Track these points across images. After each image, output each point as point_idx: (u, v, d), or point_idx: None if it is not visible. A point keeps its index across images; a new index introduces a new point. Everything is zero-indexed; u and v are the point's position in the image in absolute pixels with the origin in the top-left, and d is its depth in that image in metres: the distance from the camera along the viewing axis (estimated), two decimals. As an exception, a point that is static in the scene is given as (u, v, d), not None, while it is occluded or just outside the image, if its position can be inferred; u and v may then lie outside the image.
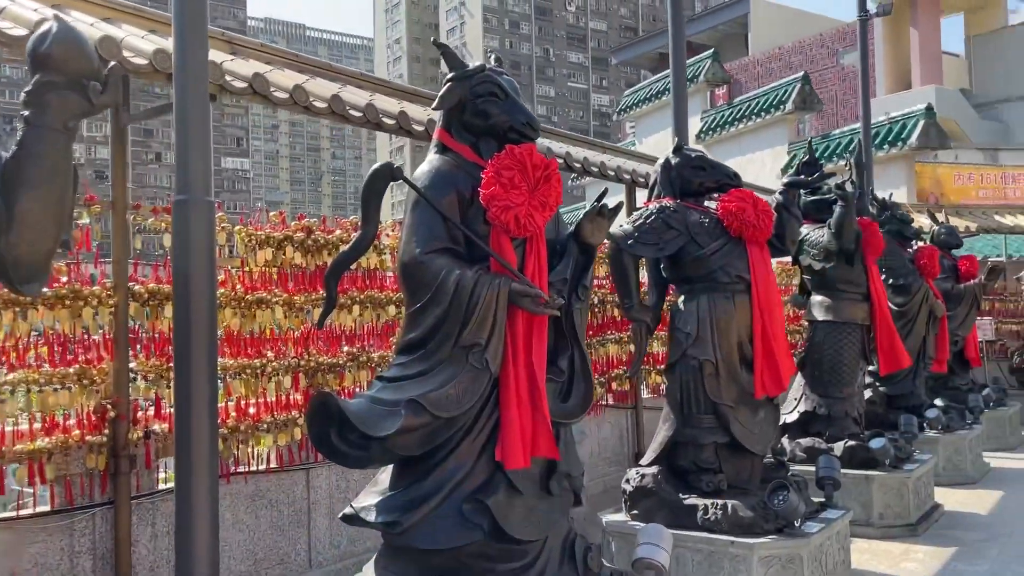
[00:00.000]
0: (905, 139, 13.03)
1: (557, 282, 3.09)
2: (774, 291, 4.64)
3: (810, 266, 6.19)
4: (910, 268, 7.84)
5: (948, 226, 9.57)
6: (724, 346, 4.56)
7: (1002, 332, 12.91)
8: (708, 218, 4.66)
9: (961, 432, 7.49)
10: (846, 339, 6.15)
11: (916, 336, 7.83)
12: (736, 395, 4.58)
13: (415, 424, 2.77)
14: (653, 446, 4.74)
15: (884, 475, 5.79)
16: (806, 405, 6.25)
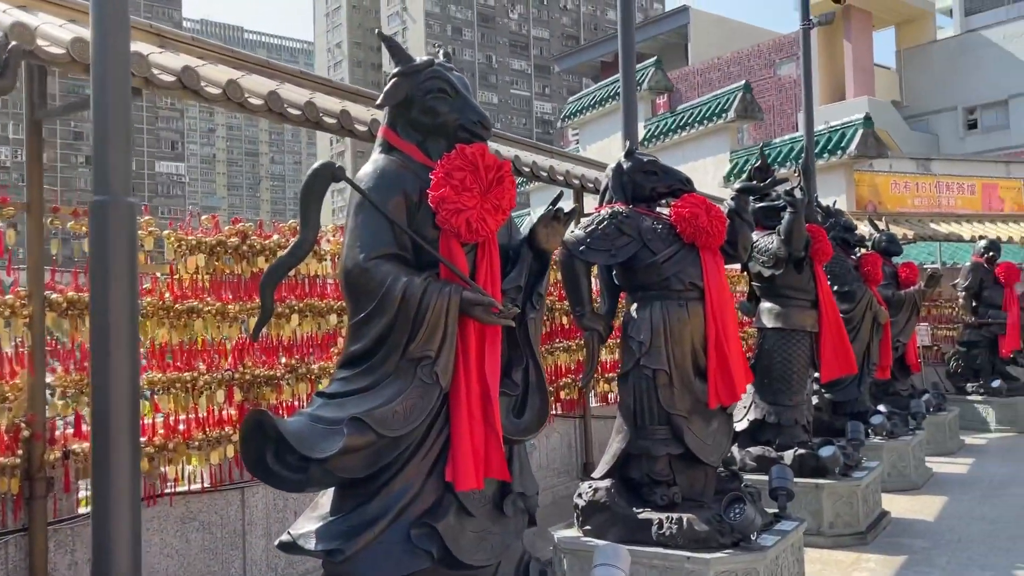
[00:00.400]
0: (844, 148, 13.26)
1: (511, 290, 2.92)
2: (727, 298, 4.55)
3: (759, 273, 6.14)
4: (854, 275, 7.89)
5: (889, 233, 9.71)
6: (678, 355, 4.44)
7: (938, 338, 13.21)
8: (661, 224, 4.55)
9: (905, 438, 7.55)
10: (795, 346, 6.12)
11: (861, 342, 7.88)
12: (690, 405, 4.47)
13: (358, 444, 2.57)
14: (606, 458, 4.59)
15: (834, 483, 5.76)
16: (756, 413, 6.20)
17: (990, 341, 11.00)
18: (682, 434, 4.41)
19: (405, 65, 2.94)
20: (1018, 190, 15.06)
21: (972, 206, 14.44)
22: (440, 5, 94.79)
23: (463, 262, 2.78)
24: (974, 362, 11.15)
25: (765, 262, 6.06)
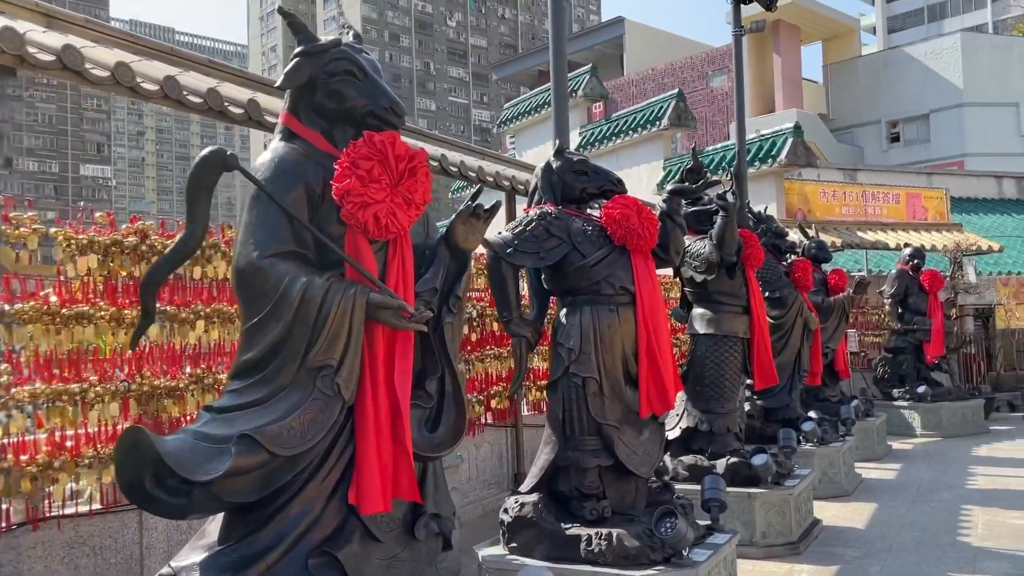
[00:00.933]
0: (775, 156, 13.39)
1: (425, 292, 2.68)
2: (659, 303, 4.38)
3: (691, 278, 6.03)
4: (785, 281, 7.88)
5: (818, 240, 9.77)
6: (608, 362, 4.26)
7: (865, 344, 13.42)
8: (591, 226, 4.37)
9: (835, 444, 7.54)
10: (727, 353, 6.02)
11: (791, 349, 7.86)
12: (621, 414, 4.29)
13: (248, 464, 2.29)
14: (533, 471, 4.37)
15: (766, 492, 5.66)
16: (688, 421, 6.07)
17: (915, 347, 11.19)
18: (612, 445, 4.22)
19: (309, 44, 2.67)
20: (940, 200, 15.46)
21: (897, 215, 14.76)
22: (377, 11, 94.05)
23: (371, 261, 2.53)
24: (900, 368, 11.32)
25: (697, 267, 5.94)
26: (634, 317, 4.29)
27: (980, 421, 11.03)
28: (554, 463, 4.27)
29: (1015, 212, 22.09)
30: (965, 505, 6.72)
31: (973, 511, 6.50)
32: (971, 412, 10.97)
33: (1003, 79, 31.97)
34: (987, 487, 7.45)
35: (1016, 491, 7.19)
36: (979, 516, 6.33)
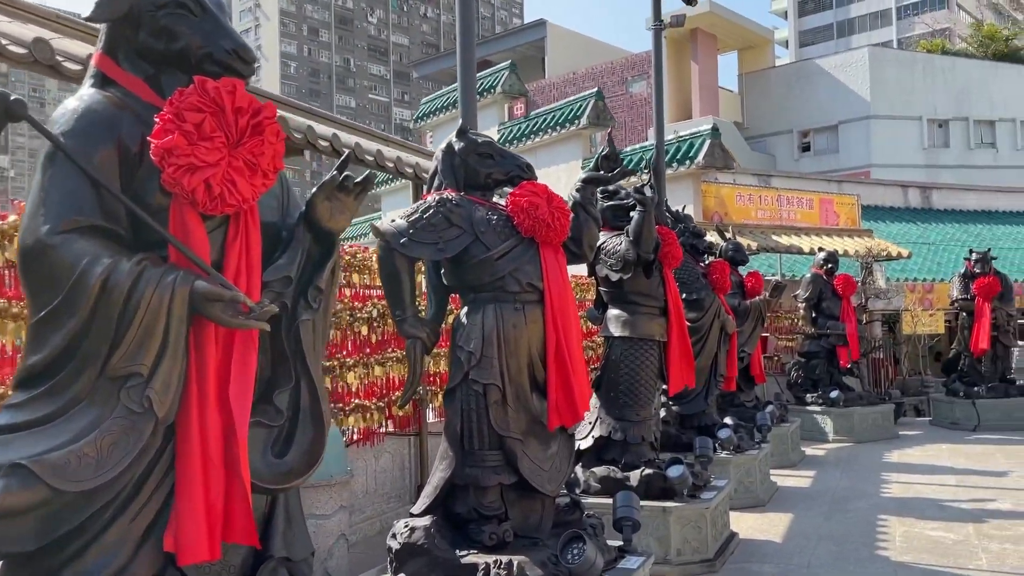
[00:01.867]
0: (693, 158, 13.26)
1: (275, 282, 2.17)
2: (570, 302, 3.96)
3: (607, 277, 5.65)
4: (703, 283, 7.61)
5: (735, 242, 9.58)
6: (512, 367, 3.81)
7: (778, 348, 13.41)
8: (496, 215, 3.91)
9: (752, 452, 7.30)
10: (643, 357, 5.66)
11: (708, 353, 7.60)
12: (526, 425, 3.85)
13: (22, 503, 1.74)
14: (427, 491, 3.88)
15: (682, 507, 5.31)
16: (601, 430, 5.68)
17: (828, 352, 11.16)
18: (516, 460, 3.77)
19: (131, -32, 2.12)
20: (852, 206, 15.67)
21: (810, 220, 14.86)
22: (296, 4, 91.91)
23: (202, 241, 2.00)
24: (813, 372, 11.28)
25: (613, 265, 5.57)
26: (542, 317, 3.85)
27: (890, 426, 11.07)
28: (450, 481, 3.79)
29: (920, 221, 22.78)
30: (881, 515, 6.54)
31: (890, 522, 6.33)
32: (882, 417, 11.01)
33: (908, 93, 33.17)
34: (901, 495, 7.32)
35: (930, 500, 7.08)
36: (896, 527, 6.15)
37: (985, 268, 11.61)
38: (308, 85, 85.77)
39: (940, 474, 8.25)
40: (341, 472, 4.74)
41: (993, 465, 8.63)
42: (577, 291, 9.72)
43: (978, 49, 38.02)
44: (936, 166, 32.20)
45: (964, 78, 34.15)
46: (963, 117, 33.88)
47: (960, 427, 11.48)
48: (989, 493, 7.25)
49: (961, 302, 11.82)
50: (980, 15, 50.68)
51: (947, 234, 21.88)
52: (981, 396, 11.39)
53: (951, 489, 7.49)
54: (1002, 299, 11.53)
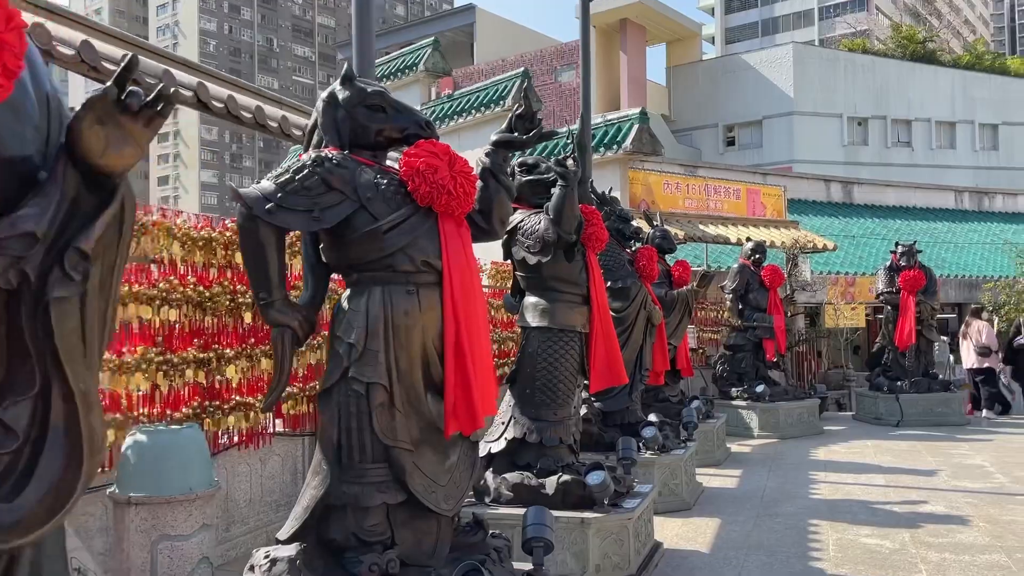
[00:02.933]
0: (620, 142, 12.79)
1: (12, 241, 1.46)
2: (475, 286, 3.32)
3: (523, 260, 5.04)
4: (629, 270, 7.09)
5: (663, 229, 9.13)
6: (403, 363, 3.17)
7: (704, 341, 13.09)
8: (386, 179, 3.25)
9: (677, 452, 6.81)
10: (563, 349, 5.08)
11: (633, 345, 7.09)
12: (419, 433, 3.21)
13: None
14: (296, 512, 3.20)
15: (602, 517, 4.75)
16: (515, 431, 5.08)
17: (755, 345, 10.84)
18: (405, 475, 3.13)
19: None
20: (778, 197, 15.49)
21: (737, 210, 14.61)
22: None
23: None
24: (739, 366, 10.95)
25: (530, 246, 4.96)
26: (440, 302, 3.21)
27: (815, 422, 10.83)
28: (324, 501, 3.12)
29: (841, 214, 22.99)
30: (812, 520, 6.14)
31: (822, 528, 5.92)
32: (807, 412, 10.75)
33: (829, 91, 33.73)
34: (831, 497, 6.96)
35: (860, 502, 6.73)
36: (829, 534, 5.75)
37: (911, 261, 11.48)
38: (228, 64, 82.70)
39: (868, 473, 7.96)
40: (205, 484, 4.00)
41: (921, 463, 8.40)
42: (497, 279, 9.11)
43: (896, 50, 38.93)
44: (855, 163, 32.85)
45: (883, 78, 34.92)
46: (881, 116, 34.69)
47: (883, 422, 11.34)
48: (921, 495, 6.95)
49: (886, 295, 11.68)
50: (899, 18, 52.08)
51: (867, 228, 22.13)
52: (904, 391, 11.27)
53: (881, 490, 7.17)
54: (926, 293, 11.43)
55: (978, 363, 12.69)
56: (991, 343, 12.79)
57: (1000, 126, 35.84)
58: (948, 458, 8.67)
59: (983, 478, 7.60)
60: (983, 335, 12.76)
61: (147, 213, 4.84)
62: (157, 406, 4.80)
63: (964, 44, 55.09)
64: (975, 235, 23.36)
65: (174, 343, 4.92)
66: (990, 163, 35.38)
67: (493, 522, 4.76)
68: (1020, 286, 17.37)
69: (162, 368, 4.80)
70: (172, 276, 4.90)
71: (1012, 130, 35.78)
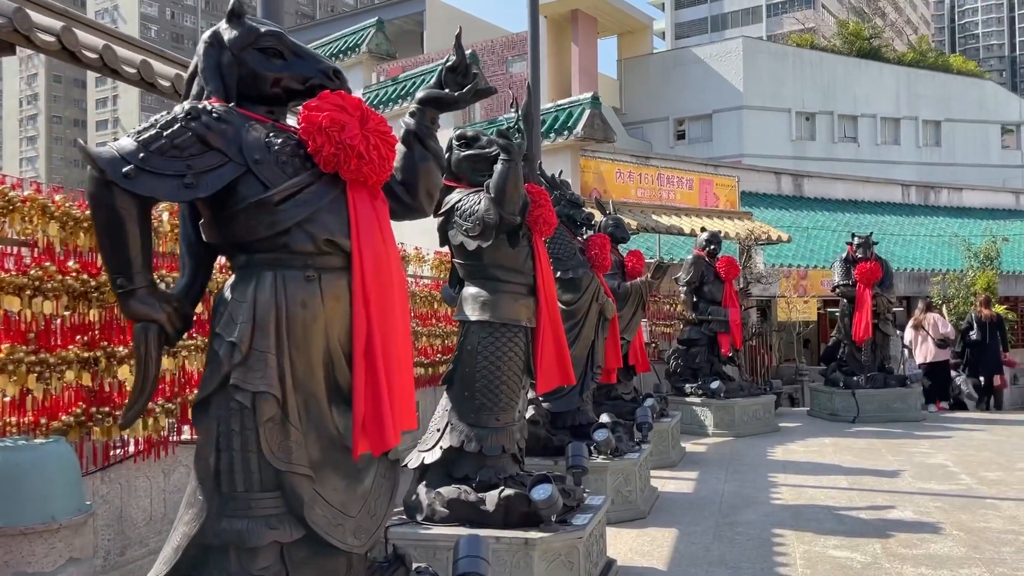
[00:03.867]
0: (571, 128, 12.25)
1: None
2: (392, 272, 2.71)
3: (462, 245, 4.45)
4: (580, 259, 6.53)
5: (616, 217, 8.60)
6: (300, 367, 2.55)
7: (656, 335, 12.65)
8: (281, 138, 2.63)
9: (631, 455, 6.28)
10: (506, 346, 4.50)
11: (584, 341, 6.54)
12: (320, 454, 2.60)
13: None
14: (164, 555, 2.57)
15: (550, 537, 4.18)
16: (451, 439, 4.48)
17: (710, 339, 10.41)
18: (302, 506, 2.51)
19: None
20: (732, 188, 15.15)
21: (690, 201, 14.21)
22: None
23: None
24: (694, 361, 10.50)
25: (469, 229, 4.36)
26: (348, 292, 2.60)
27: (771, 419, 10.45)
28: (199, 540, 2.49)
29: (792, 207, 22.86)
30: (776, 530, 5.68)
31: (787, 538, 5.46)
32: (763, 409, 10.37)
33: (778, 85, 33.83)
34: (794, 502, 6.52)
35: (825, 508, 6.30)
36: (795, 545, 5.28)
37: (867, 253, 11.18)
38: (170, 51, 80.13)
39: (830, 474, 7.56)
40: (72, 510, 3.32)
41: (882, 463, 8.04)
42: (442, 270, 8.49)
43: (843, 47, 39.26)
44: (803, 158, 32.97)
45: (830, 74, 35.18)
46: (829, 111, 34.94)
47: (839, 418, 11.02)
48: (887, 499, 6.55)
49: (842, 288, 11.36)
50: (845, 16, 52.65)
51: (817, 221, 22.03)
52: (860, 386, 10.96)
53: (845, 494, 6.75)
54: (883, 285, 11.14)
55: (934, 356, 12.59)
56: (949, 333, 12.67)
57: (943, 123, 36.39)
58: (909, 457, 8.33)
59: (948, 479, 7.25)
60: (940, 326, 12.65)
61: (15, 188, 4.11)
62: (29, 414, 4.09)
63: (907, 43, 55.98)
64: (922, 229, 23.48)
65: (51, 340, 4.20)
66: (933, 159, 35.91)
67: (425, 544, 4.18)
68: (968, 279, 17.37)
69: (35, 369, 4.08)
70: (49, 262, 4.18)
71: (954, 127, 36.38)
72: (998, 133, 37.65)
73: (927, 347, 12.73)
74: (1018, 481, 7.11)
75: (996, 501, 6.40)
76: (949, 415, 11.67)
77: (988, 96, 37.88)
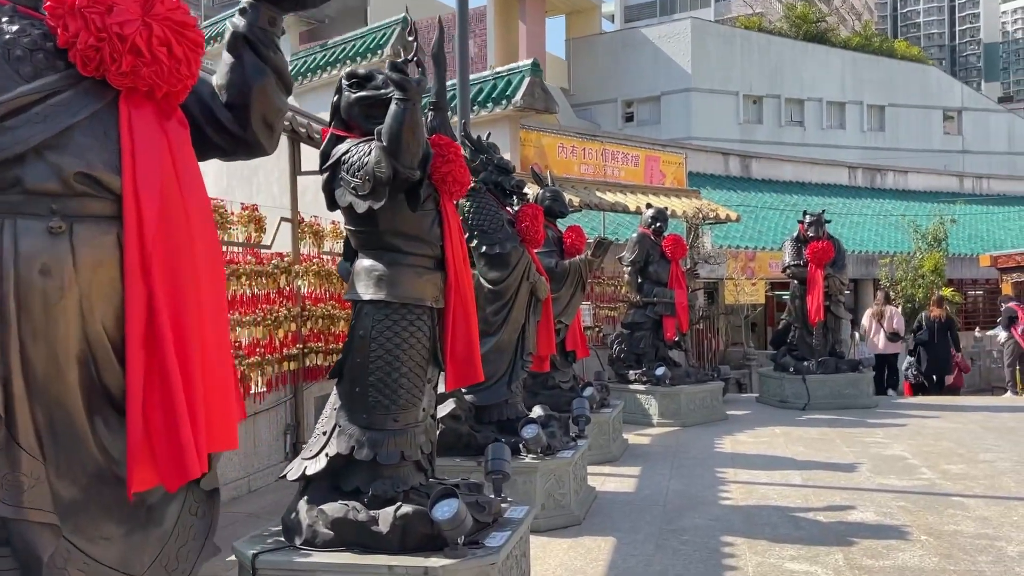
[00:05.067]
0: (510, 97, 11.43)
1: None
2: (193, 228, 1.89)
3: (351, 207, 3.63)
4: (509, 232, 5.76)
5: (554, 189, 7.86)
6: (41, 362, 1.74)
7: (600, 318, 11.98)
8: (18, 25, 1.79)
9: (565, 454, 5.55)
10: (407, 331, 3.71)
11: (514, 325, 5.78)
12: (78, 491, 1.79)
13: None
14: None
15: (455, 565, 3.40)
16: (339, 444, 3.67)
17: (655, 323, 9.73)
18: (41, 568, 1.69)
19: None
20: (679, 165, 14.52)
21: (636, 178, 13.53)
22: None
23: None
24: (637, 346, 9.82)
25: (358, 187, 3.55)
26: (119, 250, 1.78)
27: (718, 407, 9.85)
28: None
29: (739, 188, 22.44)
30: (726, 537, 5.01)
31: (738, 547, 4.79)
32: (710, 397, 9.75)
33: (727, 68, 33.48)
34: (744, 503, 5.88)
35: (778, 509, 5.67)
36: (748, 557, 4.61)
37: (819, 232, 10.63)
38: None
39: (782, 468, 6.95)
40: None
41: (837, 455, 7.47)
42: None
43: (791, 30, 39.08)
44: (751, 141, 32.69)
45: (777, 57, 34.97)
46: (776, 95, 34.71)
47: (789, 405, 10.48)
48: (845, 497, 5.95)
49: (793, 268, 10.79)
50: (791, 0, 52.62)
51: (766, 202, 21.65)
52: (811, 371, 10.43)
53: (800, 492, 6.13)
54: (835, 266, 10.60)
55: (884, 347, 12.34)
56: (900, 329, 12.42)
57: (887, 107, 36.49)
58: (865, 448, 7.78)
59: (908, 473, 6.70)
60: (894, 321, 12.36)
61: None
62: None
63: (852, 29, 56.25)
64: (868, 211, 23.29)
65: None
66: (877, 143, 36.00)
67: (302, 576, 3.40)
68: (916, 261, 17.11)
69: None
70: None
71: (898, 112, 36.53)
72: (940, 119, 37.92)
73: (880, 338, 12.41)
74: (983, 475, 6.58)
75: (963, 499, 5.84)
76: (902, 401, 11.24)
77: (931, 81, 38.11)
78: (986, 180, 30.32)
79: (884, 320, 12.34)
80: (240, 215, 6.42)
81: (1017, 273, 16.50)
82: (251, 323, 6.37)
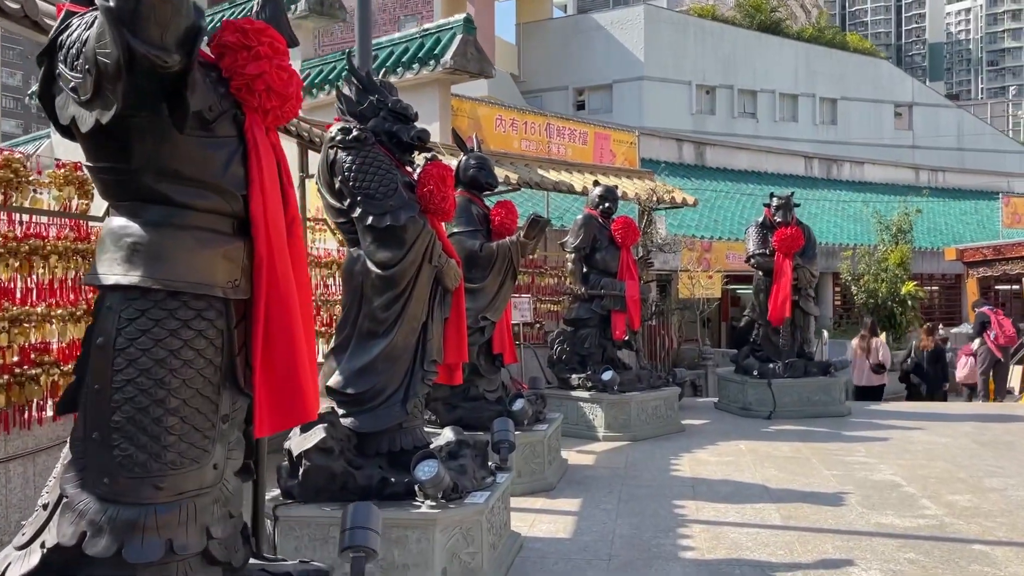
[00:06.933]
0: (439, 57, 9.92)
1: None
2: None
3: (75, 123, 2.12)
4: (405, 199, 4.27)
5: (480, 156, 6.45)
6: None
7: (541, 313, 10.59)
8: None
9: (475, 498, 4.10)
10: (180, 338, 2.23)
11: (411, 323, 4.32)
12: None
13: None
14: None
15: None
16: (64, 527, 2.15)
17: (602, 319, 8.34)
18: None
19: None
20: (631, 145, 13.20)
21: (583, 157, 12.16)
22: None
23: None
24: (582, 346, 8.42)
25: (78, 86, 2.05)
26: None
27: (674, 417, 8.51)
28: None
29: (694, 176, 21.30)
30: (692, 619, 3.64)
31: (710, 641, 3.42)
32: (664, 405, 8.40)
33: (679, 57, 32.56)
34: (711, 555, 4.52)
35: (755, 565, 4.33)
36: (725, 660, 3.24)
37: (787, 217, 9.37)
38: None
39: (754, 501, 5.63)
40: None
41: (817, 480, 6.18)
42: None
43: (744, 19, 38.27)
44: (703, 132, 31.75)
45: (731, 47, 34.19)
46: (729, 85, 33.89)
47: (752, 413, 9.21)
48: (838, 545, 4.63)
49: (757, 258, 9.52)
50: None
51: (721, 191, 20.54)
52: (777, 375, 9.18)
53: (781, 539, 4.80)
54: (804, 256, 9.36)
55: (868, 380, 11.32)
56: (886, 361, 11.39)
57: (839, 101, 35.95)
58: (848, 470, 6.52)
59: (908, 508, 5.44)
60: (879, 353, 11.30)
61: None
62: None
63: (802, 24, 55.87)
64: (826, 203, 22.39)
65: None
66: (829, 137, 35.40)
67: None
68: (880, 254, 16.13)
69: None
70: None
71: (849, 105, 36.02)
72: (891, 113, 37.50)
73: (865, 370, 11.39)
74: (998, 510, 5.35)
75: (984, 548, 4.58)
76: (877, 408, 10.05)
77: (883, 75, 37.69)
78: (941, 173, 29.82)
79: (870, 353, 11.35)
80: (54, 174, 4.82)
81: (984, 267, 15.62)
82: (66, 317, 4.79)
